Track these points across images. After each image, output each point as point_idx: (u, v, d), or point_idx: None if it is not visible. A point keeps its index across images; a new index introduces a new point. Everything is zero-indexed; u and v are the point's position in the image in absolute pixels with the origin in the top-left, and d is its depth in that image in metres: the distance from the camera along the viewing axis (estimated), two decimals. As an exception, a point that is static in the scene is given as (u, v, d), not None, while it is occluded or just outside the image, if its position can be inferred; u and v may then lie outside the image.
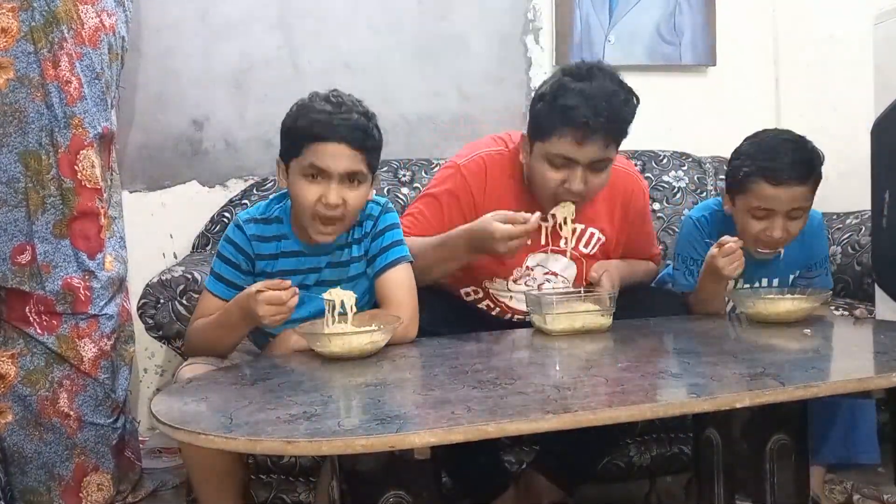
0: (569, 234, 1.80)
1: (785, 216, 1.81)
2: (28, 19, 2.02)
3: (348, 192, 1.61)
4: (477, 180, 1.84)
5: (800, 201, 1.81)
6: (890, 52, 2.00)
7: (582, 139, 1.67)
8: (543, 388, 1.30)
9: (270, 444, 1.11)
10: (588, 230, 1.91)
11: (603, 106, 1.66)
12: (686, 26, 3.01)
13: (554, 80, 1.73)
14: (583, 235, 1.90)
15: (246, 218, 1.70)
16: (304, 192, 1.60)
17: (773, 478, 1.52)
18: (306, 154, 1.59)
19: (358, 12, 2.78)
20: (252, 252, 1.69)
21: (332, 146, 1.58)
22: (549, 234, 1.84)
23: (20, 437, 2.09)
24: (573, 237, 1.86)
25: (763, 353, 1.57)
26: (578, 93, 1.66)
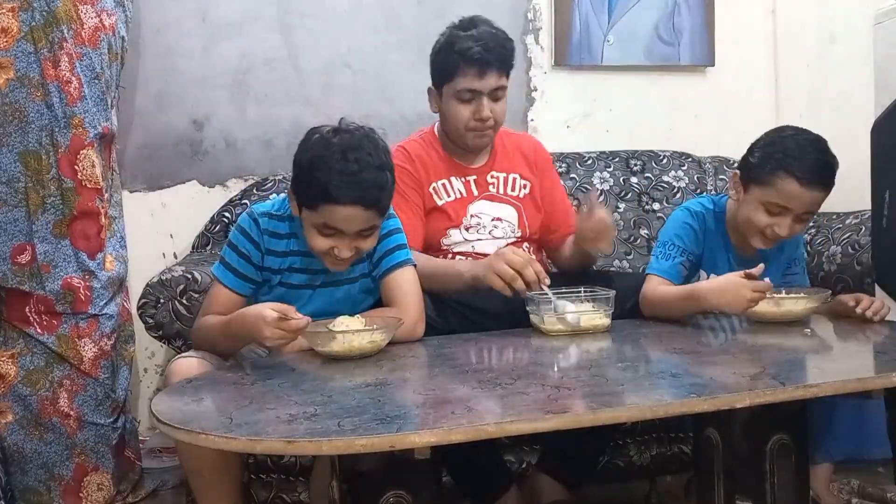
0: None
1: (796, 217, 1.80)
2: (28, 19, 2.02)
3: (361, 243, 1.63)
4: (406, 160, 2.05)
5: (815, 205, 1.81)
6: (890, 52, 2.00)
7: (480, 71, 1.96)
8: (543, 388, 1.30)
9: (270, 444, 1.12)
10: (510, 176, 2.12)
11: (491, 44, 1.97)
12: (685, 27, 3.01)
13: (446, 34, 2.03)
14: (507, 181, 2.12)
15: (261, 211, 1.71)
16: (317, 242, 1.62)
17: (773, 478, 1.52)
18: (321, 212, 1.58)
19: (358, 12, 2.78)
20: (263, 246, 1.69)
21: (348, 210, 1.56)
22: (476, 184, 2.09)
23: (20, 437, 2.09)
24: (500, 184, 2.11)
25: (763, 353, 1.57)
26: (469, 37, 1.98)
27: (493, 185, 2.11)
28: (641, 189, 2.74)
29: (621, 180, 2.76)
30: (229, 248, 1.70)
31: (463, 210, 2.07)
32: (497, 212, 2.10)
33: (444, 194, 2.07)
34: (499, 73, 1.99)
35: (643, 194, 2.72)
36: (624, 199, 2.73)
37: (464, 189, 2.08)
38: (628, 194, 2.73)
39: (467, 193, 2.08)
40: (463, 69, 1.97)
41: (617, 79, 2.99)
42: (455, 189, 2.08)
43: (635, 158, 2.81)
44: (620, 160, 2.80)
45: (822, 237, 2.55)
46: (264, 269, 1.70)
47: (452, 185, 2.08)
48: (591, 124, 2.99)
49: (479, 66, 1.96)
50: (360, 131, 1.62)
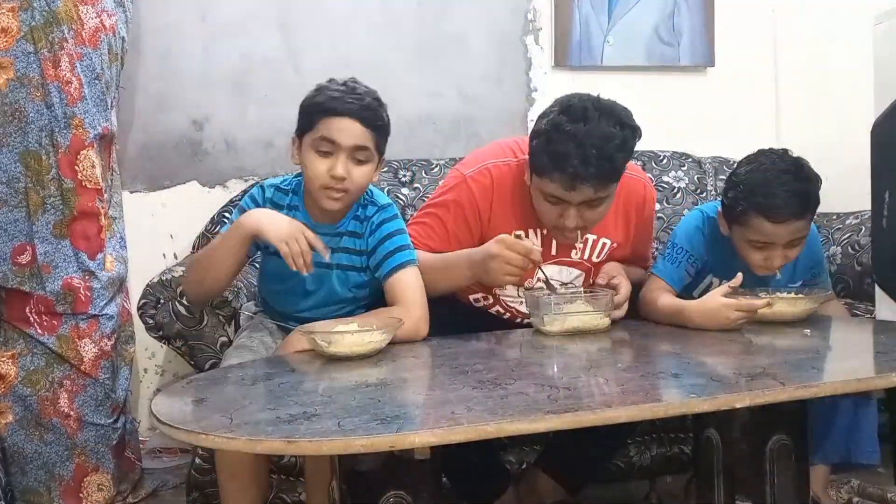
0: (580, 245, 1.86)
1: (784, 246, 1.81)
2: (28, 19, 2.02)
3: (354, 169, 1.70)
4: (483, 193, 1.83)
5: (799, 232, 1.80)
6: (890, 52, 2.00)
7: (571, 186, 1.68)
8: (543, 388, 1.30)
9: (270, 444, 1.11)
10: (600, 241, 1.90)
11: (593, 154, 1.64)
12: (685, 27, 3.01)
13: (551, 118, 1.71)
14: (595, 246, 1.90)
15: (269, 183, 1.82)
16: (315, 164, 1.70)
17: (773, 478, 1.52)
18: (319, 127, 1.69)
19: (358, 12, 2.78)
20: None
21: (343, 121, 1.68)
22: (557, 245, 1.86)
23: (20, 437, 2.09)
24: (587, 248, 1.88)
25: (763, 353, 1.57)
26: (571, 137, 1.65)
27: (577, 251, 1.86)
28: (641, 189, 2.73)
29: (621, 180, 2.76)
30: (238, 211, 1.80)
31: (532, 272, 1.81)
32: (566, 276, 1.89)
33: None
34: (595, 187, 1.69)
35: (643, 194, 2.72)
36: (624, 199, 2.73)
37: (540, 246, 1.81)
38: (628, 194, 2.72)
39: (543, 253, 1.79)
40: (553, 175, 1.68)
41: (617, 79, 2.99)
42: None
43: (635, 159, 2.79)
44: (620, 160, 2.79)
45: (822, 237, 2.56)
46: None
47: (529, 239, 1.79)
48: (591, 124, 2.99)
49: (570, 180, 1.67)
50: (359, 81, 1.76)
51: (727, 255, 1.90)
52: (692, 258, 1.89)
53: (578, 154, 1.63)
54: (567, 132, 1.65)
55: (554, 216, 1.75)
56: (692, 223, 1.93)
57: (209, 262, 1.74)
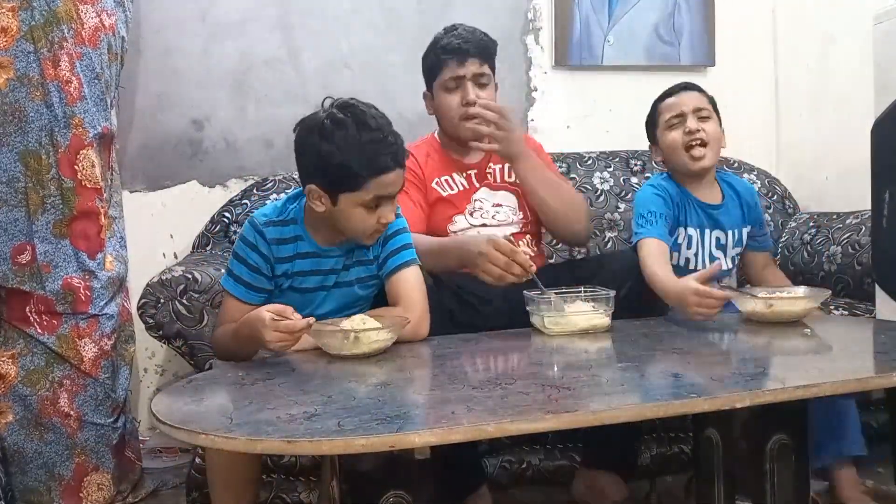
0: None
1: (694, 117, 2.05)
2: (28, 19, 2.02)
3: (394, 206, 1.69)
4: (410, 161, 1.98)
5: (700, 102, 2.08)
6: (890, 52, 2.00)
7: (461, 59, 2.11)
8: (543, 388, 1.30)
9: (270, 444, 1.11)
10: (506, 166, 2.19)
11: (469, 36, 2.15)
12: (685, 27, 3.01)
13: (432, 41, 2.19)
14: (503, 171, 2.21)
15: (264, 221, 1.70)
16: (366, 220, 1.64)
17: (773, 478, 1.52)
18: (369, 188, 1.60)
19: (358, 12, 2.78)
20: (272, 256, 1.68)
21: (394, 173, 1.63)
22: (476, 176, 2.19)
23: (20, 437, 2.09)
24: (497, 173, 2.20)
25: (763, 353, 1.57)
26: (449, 33, 2.16)
27: (491, 175, 2.21)
28: (641, 189, 2.73)
29: (621, 180, 2.76)
30: (237, 260, 1.69)
31: (466, 198, 2.16)
32: (497, 199, 2.19)
33: (448, 188, 2.17)
34: (480, 60, 2.13)
35: (643, 194, 2.72)
36: (624, 199, 2.74)
37: (465, 182, 2.18)
38: (628, 194, 2.73)
39: (469, 185, 2.18)
40: (445, 61, 2.12)
41: (617, 79, 2.99)
42: (458, 183, 2.17)
43: (635, 158, 2.81)
44: (620, 160, 2.80)
45: (822, 237, 2.56)
46: (278, 277, 1.70)
47: (454, 179, 2.18)
48: (591, 124, 2.99)
49: (458, 55, 2.11)
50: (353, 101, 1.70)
51: (685, 204, 2.09)
52: (663, 215, 2.02)
53: (459, 37, 2.14)
54: (445, 34, 2.17)
55: (457, 101, 2.12)
56: (647, 193, 2.09)
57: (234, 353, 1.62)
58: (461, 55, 2.12)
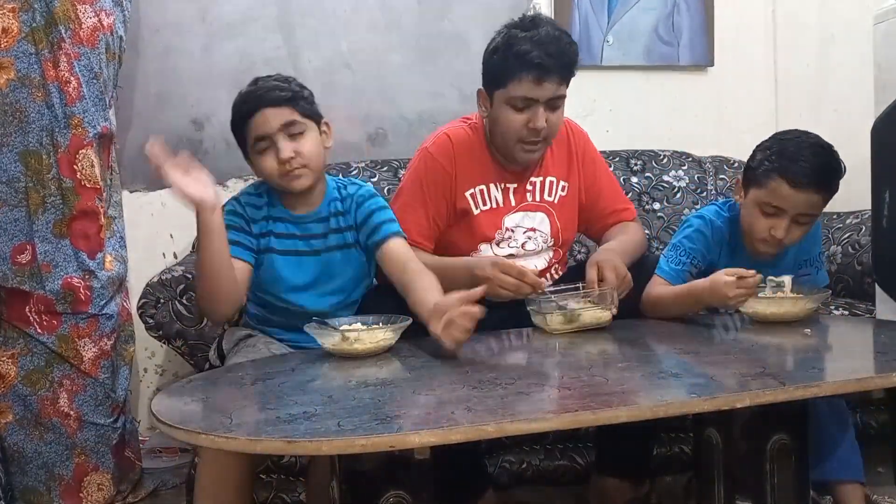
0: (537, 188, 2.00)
1: (792, 219, 1.80)
2: (29, 20, 2.02)
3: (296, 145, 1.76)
4: (446, 156, 1.95)
5: (811, 208, 1.80)
6: (890, 52, 2.00)
7: (539, 79, 1.82)
8: (543, 388, 1.30)
9: (270, 444, 1.12)
10: (548, 179, 2.02)
11: (552, 49, 1.81)
12: (684, 27, 3.01)
13: (503, 34, 1.87)
14: (544, 186, 2.01)
15: (239, 194, 1.86)
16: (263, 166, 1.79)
17: (773, 478, 1.52)
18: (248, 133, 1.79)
19: (358, 12, 2.78)
20: (247, 215, 1.81)
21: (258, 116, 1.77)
22: (514, 193, 1.99)
23: (20, 437, 2.09)
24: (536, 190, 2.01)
25: (763, 353, 1.57)
26: (528, 39, 1.81)
27: (531, 193, 2.00)
28: (642, 189, 2.74)
29: (621, 180, 2.76)
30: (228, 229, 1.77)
31: (497, 222, 1.98)
32: (531, 222, 2.01)
33: (481, 202, 1.97)
34: (560, 80, 1.85)
35: (643, 194, 2.72)
36: (624, 199, 2.73)
37: (501, 198, 1.98)
38: (628, 194, 2.71)
39: (504, 204, 1.98)
40: (519, 74, 1.82)
41: (617, 79, 2.99)
42: (492, 198, 1.98)
43: (635, 158, 2.81)
44: (620, 160, 2.80)
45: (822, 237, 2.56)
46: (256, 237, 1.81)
47: (490, 193, 1.98)
48: (590, 124, 2.97)
49: (537, 72, 1.81)
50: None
51: (733, 256, 1.90)
52: (695, 258, 1.89)
53: (541, 49, 1.80)
54: (524, 37, 1.82)
55: (521, 122, 1.86)
56: (694, 226, 1.93)
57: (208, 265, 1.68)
58: (541, 73, 1.81)
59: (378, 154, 2.69)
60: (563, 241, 2.05)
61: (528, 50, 1.80)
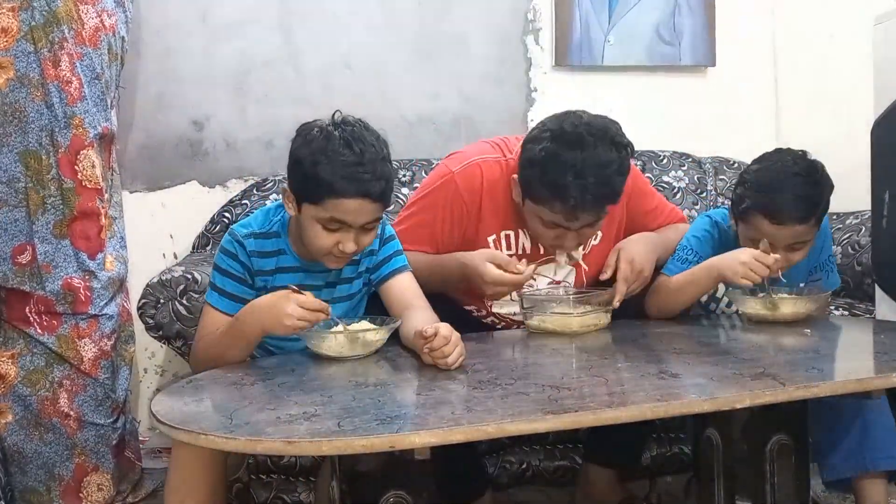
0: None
1: (786, 249, 1.77)
2: (28, 19, 2.02)
3: (363, 237, 1.58)
4: (471, 191, 1.80)
5: (801, 237, 1.77)
6: (890, 52, 2.00)
7: (572, 215, 1.66)
8: (543, 388, 1.30)
9: (270, 444, 1.12)
10: None
11: (592, 183, 1.61)
12: (685, 27, 3.01)
13: (545, 146, 1.66)
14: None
15: (245, 233, 1.65)
16: (321, 239, 1.56)
17: (773, 478, 1.52)
18: (326, 206, 1.53)
19: (358, 12, 2.78)
20: (252, 268, 1.64)
21: (356, 202, 1.52)
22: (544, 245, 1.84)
23: (20, 437, 2.09)
24: None
25: (763, 353, 1.57)
26: (569, 168, 1.61)
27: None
28: (641, 189, 2.73)
29: (621, 180, 2.76)
30: (220, 273, 1.64)
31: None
32: (557, 275, 1.88)
33: (505, 248, 1.82)
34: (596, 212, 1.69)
35: (643, 194, 2.72)
36: (624, 199, 2.73)
37: (530, 247, 1.82)
38: (628, 194, 2.72)
39: (532, 252, 1.82)
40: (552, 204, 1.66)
41: (617, 79, 2.99)
42: (520, 245, 1.83)
43: (635, 158, 2.80)
44: (620, 160, 2.79)
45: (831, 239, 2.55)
46: (258, 289, 1.66)
47: (517, 240, 1.82)
48: (591, 124, 2.98)
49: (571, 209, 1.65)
50: (359, 124, 1.59)
51: None
52: (701, 258, 1.85)
53: (578, 185, 1.60)
54: (563, 162, 1.62)
55: (551, 238, 1.74)
56: (701, 226, 1.91)
57: (221, 356, 1.58)
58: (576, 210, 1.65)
59: (378, 154, 2.70)
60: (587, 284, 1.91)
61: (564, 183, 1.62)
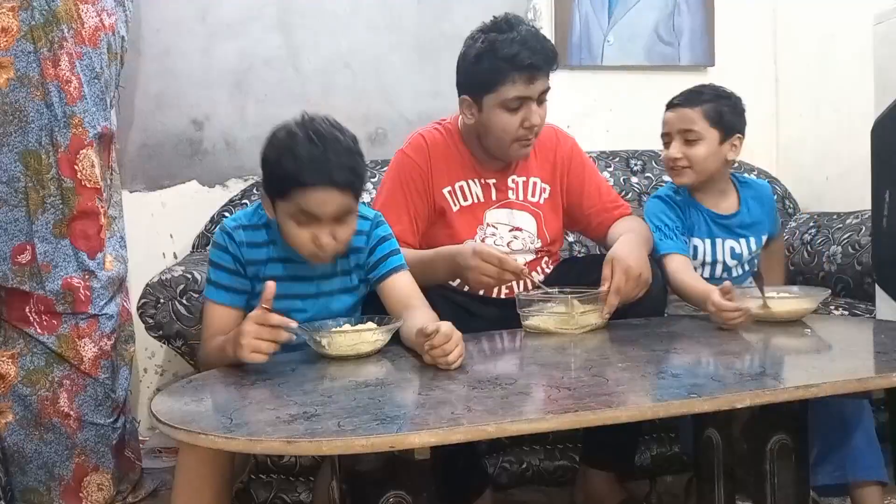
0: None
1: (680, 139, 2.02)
2: (28, 18, 2.02)
3: (339, 230, 1.58)
4: (421, 155, 1.98)
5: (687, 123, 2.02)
6: (890, 52, 2.00)
7: (530, 77, 1.85)
8: (543, 388, 1.30)
9: (270, 444, 1.11)
10: (531, 180, 2.03)
11: (537, 46, 1.85)
12: (685, 27, 3.01)
13: (482, 40, 1.89)
14: (527, 186, 2.03)
15: (233, 225, 1.66)
16: (297, 235, 1.57)
17: (773, 478, 1.51)
18: (294, 199, 1.54)
19: (358, 12, 2.78)
20: (243, 258, 1.65)
21: (321, 192, 1.53)
22: (495, 188, 2.00)
23: (20, 437, 2.09)
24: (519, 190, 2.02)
25: (763, 353, 1.57)
26: (513, 41, 1.84)
27: (513, 191, 2.01)
28: (641, 189, 2.74)
29: (621, 180, 2.76)
30: (214, 267, 1.65)
31: (479, 218, 1.99)
32: (515, 220, 2.01)
33: (461, 198, 1.99)
34: (546, 75, 1.89)
35: (643, 194, 2.72)
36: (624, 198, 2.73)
37: (482, 194, 1.99)
38: (628, 194, 2.73)
39: (485, 199, 1.99)
40: (512, 76, 1.84)
41: (617, 79, 2.99)
42: (473, 193, 1.99)
43: (635, 158, 2.81)
44: (620, 160, 2.80)
45: (822, 237, 2.56)
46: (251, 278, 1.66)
47: (470, 188, 1.99)
48: (591, 124, 2.99)
49: (529, 72, 1.84)
50: (326, 121, 1.59)
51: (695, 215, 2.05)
52: (675, 227, 2.00)
53: (528, 48, 1.83)
54: (507, 39, 1.85)
55: (517, 122, 1.88)
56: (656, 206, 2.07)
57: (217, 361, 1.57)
58: (531, 71, 1.84)
59: (378, 154, 2.69)
60: (550, 241, 2.04)
61: (516, 52, 1.83)
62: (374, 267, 1.72)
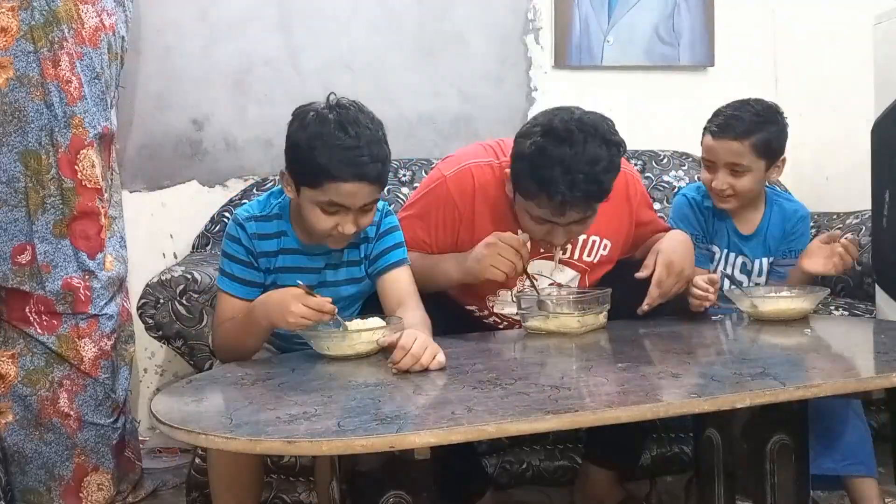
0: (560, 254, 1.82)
1: (727, 170, 1.95)
2: (28, 18, 2.02)
3: (362, 218, 1.61)
4: (463, 194, 1.80)
5: (735, 157, 1.94)
6: (890, 52, 2.00)
7: (560, 211, 1.65)
8: (543, 388, 1.30)
9: (270, 444, 1.12)
10: (591, 238, 1.85)
11: (581, 178, 1.60)
12: (685, 27, 3.01)
13: (535, 141, 1.65)
14: (586, 245, 1.85)
15: (246, 216, 1.69)
16: (321, 221, 1.59)
17: (773, 478, 1.51)
18: (325, 190, 1.55)
19: (358, 12, 2.78)
20: (255, 249, 1.67)
21: (353, 186, 1.54)
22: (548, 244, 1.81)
23: (20, 437, 2.09)
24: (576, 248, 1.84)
25: (763, 353, 1.57)
26: (558, 162, 1.60)
27: (567, 248, 1.82)
28: (641, 189, 2.73)
29: (621, 180, 2.76)
30: (227, 258, 1.67)
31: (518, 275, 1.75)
32: (557, 276, 1.84)
33: None
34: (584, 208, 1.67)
35: (643, 194, 2.72)
36: (624, 199, 2.73)
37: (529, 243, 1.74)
38: (628, 194, 2.72)
39: (532, 249, 1.74)
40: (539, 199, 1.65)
41: (617, 79, 2.99)
42: None
43: (635, 158, 2.81)
44: (620, 160, 2.79)
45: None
46: (262, 271, 1.69)
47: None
48: (591, 124, 2.98)
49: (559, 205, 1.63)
50: (354, 106, 1.62)
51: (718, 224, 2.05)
52: (694, 235, 1.97)
53: (566, 180, 1.59)
54: (552, 156, 1.61)
55: (541, 233, 1.73)
56: (680, 208, 2.07)
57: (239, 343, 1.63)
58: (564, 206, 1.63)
59: (378, 154, 2.70)
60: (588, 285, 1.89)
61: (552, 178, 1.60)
62: (376, 259, 1.73)
